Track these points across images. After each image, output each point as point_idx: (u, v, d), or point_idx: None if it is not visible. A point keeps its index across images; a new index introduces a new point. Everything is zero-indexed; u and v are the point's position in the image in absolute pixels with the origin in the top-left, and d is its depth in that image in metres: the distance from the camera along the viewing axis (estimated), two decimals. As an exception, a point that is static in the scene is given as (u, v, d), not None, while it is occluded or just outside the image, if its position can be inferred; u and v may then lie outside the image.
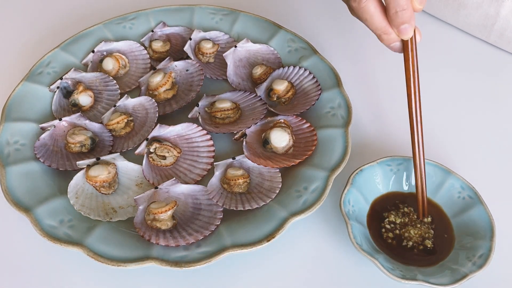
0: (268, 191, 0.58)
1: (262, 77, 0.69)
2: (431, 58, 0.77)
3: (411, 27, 0.51)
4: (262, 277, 0.55)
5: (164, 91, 0.67)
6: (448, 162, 0.62)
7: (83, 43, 0.72)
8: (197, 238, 0.53)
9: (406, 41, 0.52)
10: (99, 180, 0.57)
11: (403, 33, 0.51)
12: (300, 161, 0.59)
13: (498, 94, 0.72)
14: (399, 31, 0.51)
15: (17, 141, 0.61)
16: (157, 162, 0.61)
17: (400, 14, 0.50)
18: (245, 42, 0.71)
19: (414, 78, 0.54)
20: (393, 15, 0.50)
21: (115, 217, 0.56)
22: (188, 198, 0.58)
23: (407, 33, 0.51)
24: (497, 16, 0.73)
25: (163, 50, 0.73)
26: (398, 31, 0.51)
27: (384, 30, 0.52)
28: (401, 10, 0.49)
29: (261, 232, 0.53)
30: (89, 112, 0.67)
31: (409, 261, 0.54)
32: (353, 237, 0.52)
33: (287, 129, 0.61)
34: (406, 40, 0.52)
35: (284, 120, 0.62)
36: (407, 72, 0.54)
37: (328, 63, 0.69)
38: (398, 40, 0.52)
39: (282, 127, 0.61)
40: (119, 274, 0.54)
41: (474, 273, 0.50)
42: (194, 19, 0.76)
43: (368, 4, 0.51)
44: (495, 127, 0.68)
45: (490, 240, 0.53)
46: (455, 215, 0.56)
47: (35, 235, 0.53)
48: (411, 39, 0.52)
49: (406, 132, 0.57)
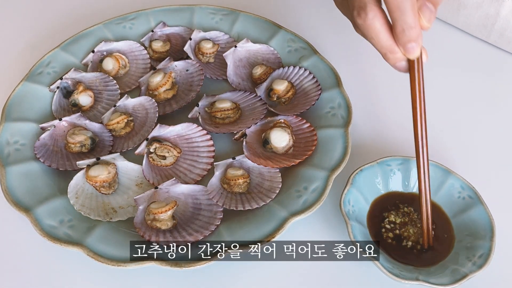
0: (268, 191, 0.58)
1: (262, 77, 0.69)
2: (431, 58, 0.76)
3: (418, 46, 0.49)
4: (262, 277, 0.55)
5: (164, 91, 0.67)
6: (448, 162, 0.61)
7: (83, 43, 0.72)
8: (197, 238, 0.53)
9: (412, 61, 0.50)
10: (99, 180, 0.57)
11: (410, 52, 0.49)
12: (300, 161, 0.59)
13: (498, 94, 0.72)
14: (406, 50, 0.49)
15: (17, 141, 0.61)
16: (157, 162, 0.61)
17: (407, 32, 0.47)
18: (245, 42, 0.72)
19: (420, 98, 0.52)
20: (400, 33, 0.48)
21: (115, 217, 0.56)
22: (188, 198, 0.58)
23: (414, 52, 0.49)
24: (497, 16, 0.73)
25: (163, 50, 0.73)
26: (405, 50, 0.49)
27: (390, 49, 0.50)
28: (408, 29, 0.47)
29: (261, 232, 0.53)
30: (89, 112, 0.67)
31: (409, 261, 0.54)
32: (353, 237, 0.52)
33: (287, 129, 0.61)
34: (412, 60, 0.50)
35: (284, 120, 0.62)
36: (413, 92, 0.52)
37: (328, 63, 0.69)
38: (404, 59, 0.50)
39: (282, 127, 0.61)
40: (119, 274, 0.54)
41: (474, 273, 0.50)
42: (194, 19, 0.76)
43: (374, 21, 0.48)
44: (495, 127, 0.68)
45: (490, 240, 0.53)
46: (455, 215, 0.56)
47: (35, 235, 0.53)
48: (418, 59, 0.50)
49: (406, 132, 0.57)
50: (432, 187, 0.58)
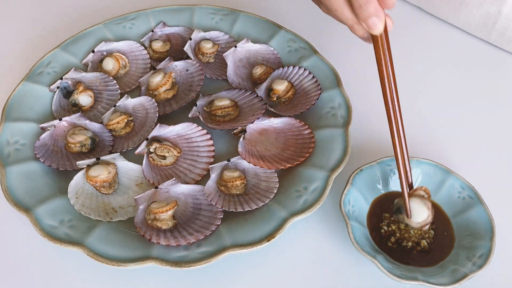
0: (265, 191, 0.58)
1: (262, 77, 0.69)
2: (431, 58, 0.77)
3: (381, 20, 0.47)
4: (262, 277, 0.55)
5: (164, 91, 0.67)
6: (448, 162, 0.62)
7: (83, 43, 0.72)
8: (197, 238, 0.53)
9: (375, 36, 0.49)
10: (99, 180, 0.57)
11: (372, 28, 0.47)
12: (291, 166, 0.59)
13: (498, 94, 0.72)
14: (368, 26, 0.47)
15: (17, 141, 0.61)
16: (157, 162, 0.61)
17: (364, 7, 0.46)
18: (245, 42, 0.71)
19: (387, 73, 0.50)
20: (358, 9, 0.47)
21: (116, 217, 0.56)
22: (188, 198, 0.58)
23: (376, 27, 0.47)
24: (498, 15, 0.73)
25: (163, 50, 0.73)
26: (367, 26, 0.47)
27: (355, 20, 0.49)
28: (365, 3, 0.46)
29: (261, 232, 0.53)
30: (89, 112, 0.67)
31: (409, 261, 0.54)
32: (353, 237, 0.52)
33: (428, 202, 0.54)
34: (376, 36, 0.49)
35: (425, 188, 0.54)
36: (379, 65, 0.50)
37: (328, 63, 0.69)
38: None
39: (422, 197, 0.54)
40: (119, 274, 0.54)
41: (474, 273, 0.50)
42: (194, 19, 0.76)
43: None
44: (495, 127, 0.68)
45: (490, 240, 0.53)
46: (455, 215, 0.56)
47: (35, 235, 0.53)
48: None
49: (405, 132, 0.57)
50: (432, 187, 0.58)
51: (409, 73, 0.73)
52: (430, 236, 0.55)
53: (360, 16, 0.47)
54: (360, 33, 0.50)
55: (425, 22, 0.81)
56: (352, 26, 0.50)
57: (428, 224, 0.52)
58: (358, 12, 0.47)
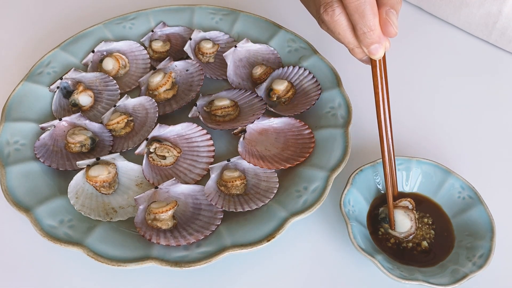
0: (265, 191, 0.58)
1: (262, 77, 0.69)
2: (431, 58, 0.77)
3: (382, 47, 0.49)
4: (262, 277, 0.55)
5: (164, 91, 0.67)
6: (448, 162, 0.61)
7: (83, 43, 0.72)
8: (198, 238, 0.53)
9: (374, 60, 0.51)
10: (99, 180, 0.57)
11: (373, 54, 0.50)
12: (291, 166, 0.59)
13: (498, 94, 0.72)
14: (369, 51, 0.50)
15: (17, 141, 0.61)
16: (157, 162, 0.61)
17: (368, 35, 0.48)
18: (245, 42, 0.71)
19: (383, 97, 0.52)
20: (361, 36, 0.49)
21: (115, 217, 0.56)
22: (188, 198, 0.58)
23: (377, 53, 0.49)
24: (499, 15, 0.73)
25: (163, 50, 0.73)
26: (369, 51, 0.50)
27: (357, 44, 0.50)
28: (369, 31, 0.48)
29: (261, 232, 0.53)
30: (89, 112, 0.67)
31: (409, 261, 0.54)
32: (353, 237, 0.52)
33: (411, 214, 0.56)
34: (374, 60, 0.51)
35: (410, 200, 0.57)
36: (376, 87, 0.52)
37: (328, 63, 0.69)
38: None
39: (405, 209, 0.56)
40: (119, 274, 0.54)
41: (474, 273, 0.50)
42: (194, 19, 0.76)
43: (340, 18, 0.49)
44: (495, 127, 0.68)
45: (490, 240, 0.53)
46: (455, 215, 0.56)
47: (35, 235, 0.53)
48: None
49: (406, 132, 0.57)
50: (432, 187, 0.58)
51: (409, 73, 0.72)
52: (431, 237, 0.55)
53: (363, 42, 0.49)
54: (359, 56, 0.52)
55: (426, 22, 0.81)
56: (353, 49, 0.51)
57: (413, 234, 0.55)
58: (362, 38, 0.49)
